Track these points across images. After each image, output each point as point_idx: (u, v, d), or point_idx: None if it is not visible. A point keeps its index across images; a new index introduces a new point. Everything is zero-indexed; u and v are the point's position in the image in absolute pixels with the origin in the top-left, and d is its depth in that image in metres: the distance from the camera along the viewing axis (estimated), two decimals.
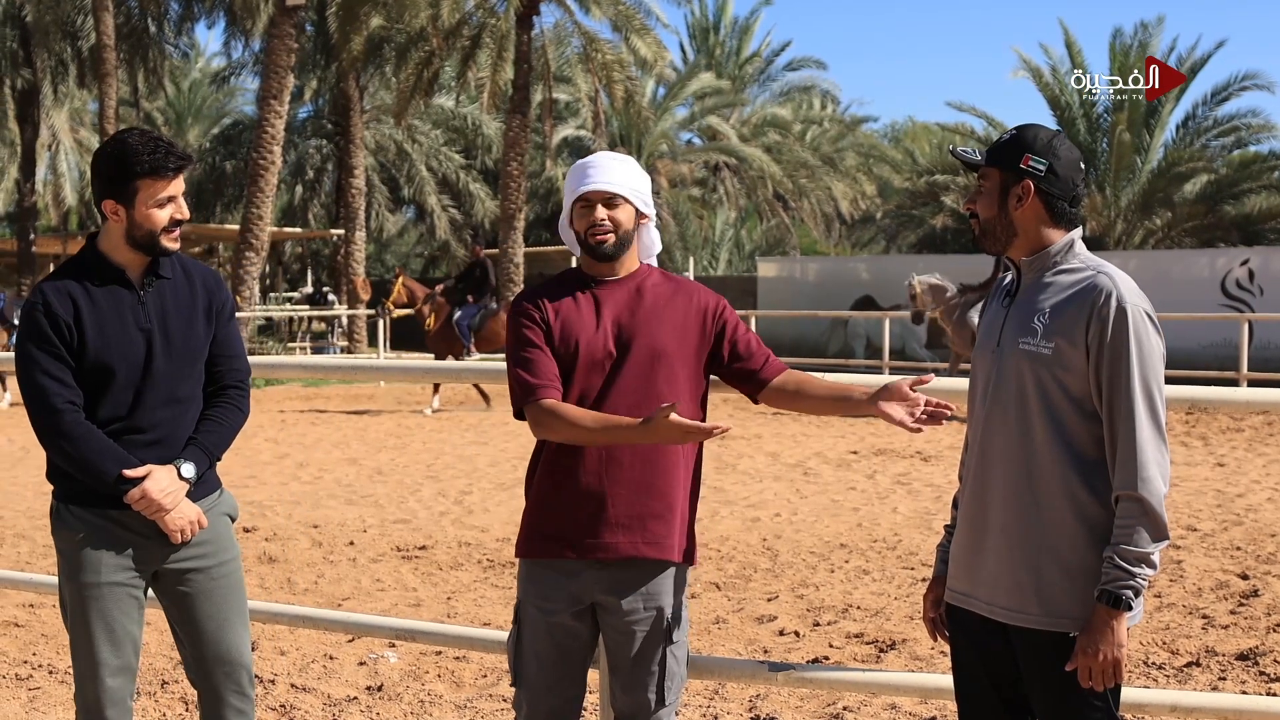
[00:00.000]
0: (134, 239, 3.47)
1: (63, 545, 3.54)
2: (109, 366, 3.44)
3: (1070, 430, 2.95)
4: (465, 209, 36.79)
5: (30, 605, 6.90)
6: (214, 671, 3.61)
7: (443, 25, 26.26)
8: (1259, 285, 22.20)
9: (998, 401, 3.04)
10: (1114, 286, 2.92)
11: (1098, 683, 2.90)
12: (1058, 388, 2.95)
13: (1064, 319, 2.95)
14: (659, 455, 3.38)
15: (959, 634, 3.19)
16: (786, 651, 6.10)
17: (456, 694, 5.42)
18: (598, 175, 3.42)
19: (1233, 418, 15.85)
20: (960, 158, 3.15)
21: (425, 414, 17.30)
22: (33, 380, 3.42)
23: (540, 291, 3.52)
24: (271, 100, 26.28)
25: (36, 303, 3.44)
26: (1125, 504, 2.87)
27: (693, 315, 3.46)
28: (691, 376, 3.45)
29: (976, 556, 3.09)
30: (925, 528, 9.12)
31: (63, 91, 35.78)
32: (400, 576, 7.77)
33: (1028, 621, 2.99)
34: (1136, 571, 2.85)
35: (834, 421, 16.09)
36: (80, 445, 3.39)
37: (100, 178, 3.47)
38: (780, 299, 26.64)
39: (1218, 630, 6.38)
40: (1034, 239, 3.05)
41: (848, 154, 43.33)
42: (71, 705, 5.24)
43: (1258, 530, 8.96)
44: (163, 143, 3.45)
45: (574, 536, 3.38)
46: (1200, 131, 32.71)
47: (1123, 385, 2.88)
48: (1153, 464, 2.86)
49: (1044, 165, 3.01)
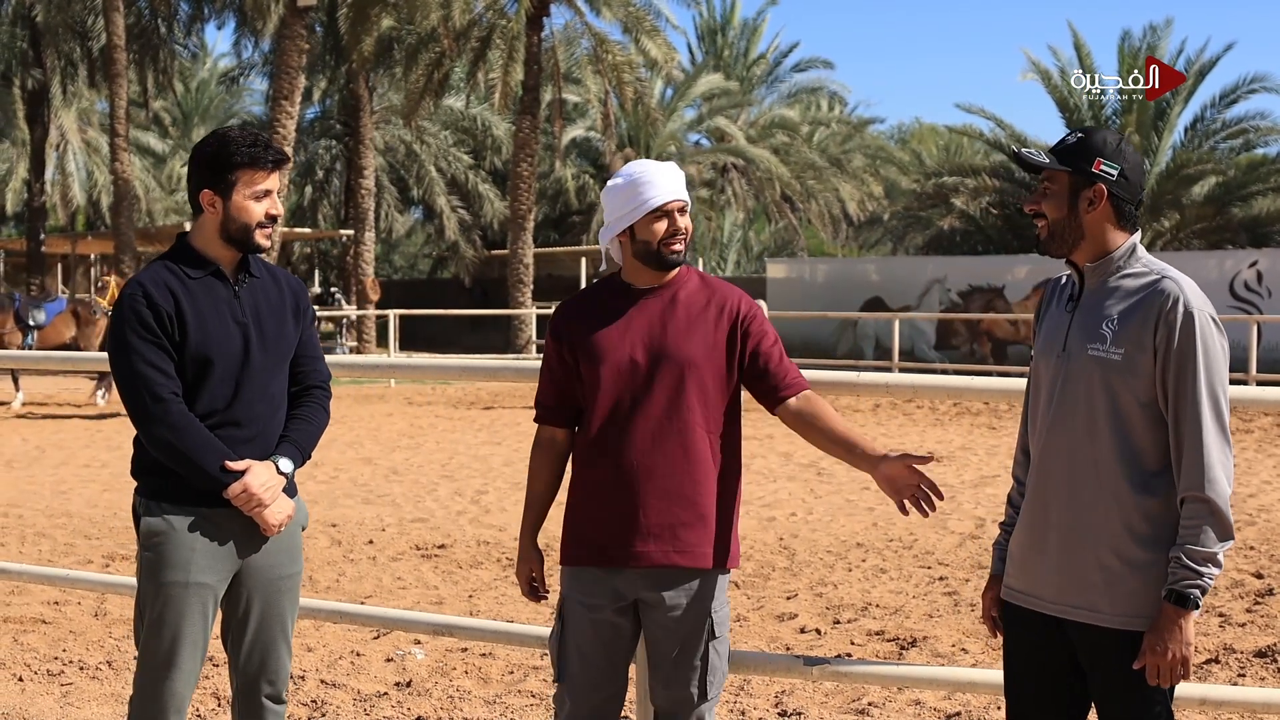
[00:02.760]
0: (228, 232, 3.50)
1: (148, 542, 3.48)
2: (209, 359, 3.43)
3: (1135, 435, 3.00)
4: (474, 210, 36.89)
5: (55, 602, 6.97)
6: (259, 676, 3.62)
7: (453, 26, 26.35)
8: (1267, 287, 22.25)
9: (1064, 405, 3.08)
10: (1180, 291, 2.97)
11: (1164, 680, 2.95)
12: (1127, 393, 2.99)
13: (1132, 324, 2.98)
14: (689, 465, 3.43)
15: (1016, 631, 3.22)
16: (809, 649, 6.16)
17: (485, 690, 5.49)
18: (673, 186, 3.48)
19: (1242, 419, 15.89)
20: (1024, 159, 3.15)
21: None
22: (134, 370, 3.39)
23: (575, 302, 3.61)
24: (282, 101, 26.39)
25: (135, 293, 3.43)
26: (1191, 505, 2.91)
27: (724, 324, 3.48)
28: (721, 386, 3.49)
29: (1038, 555, 3.13)
30: (940, 527, 9.17)
31: (71, 92, 35.97)
32: (421, 575, 7.83)
33: (1089, 618, 3.04)
34: (1204, 571, 2.89)
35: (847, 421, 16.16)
36: (184, 436, 3.37)
37: (198, 169, 3.50)
38: (789, 300, 26.69)
39: (1235, 628, 6.43)
40: (1100, 243, 3.09)
41: (855, 155, 43.40)
42: (107, 701, 5.33)
43: (1270, 530, 9.00)
44: (262, 137, 3.52)
45: (608, 545, 3.45)
46: (1209, 134, 32.73)
47: (1189, 389, 2.93)
48: (1218, 466, 2.91)
49: (1116, 169, 3.05)
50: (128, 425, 15.49)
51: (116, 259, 29.13)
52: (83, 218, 46.03)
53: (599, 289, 3.60)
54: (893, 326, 22.37)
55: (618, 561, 3.43)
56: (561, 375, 3.55)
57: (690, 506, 3.42)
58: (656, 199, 3.44)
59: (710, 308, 3.49)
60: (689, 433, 3.42)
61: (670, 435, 3.41)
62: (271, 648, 3.61)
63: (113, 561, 8.12)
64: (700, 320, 3.47)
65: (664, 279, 3.51)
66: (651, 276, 3.51)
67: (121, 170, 29.14)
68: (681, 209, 3.49)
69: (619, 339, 3.46)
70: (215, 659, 5.89)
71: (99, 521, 9.51)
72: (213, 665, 5.80)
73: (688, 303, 3.49)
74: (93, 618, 6.70)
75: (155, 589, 3.47)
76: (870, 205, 41.99)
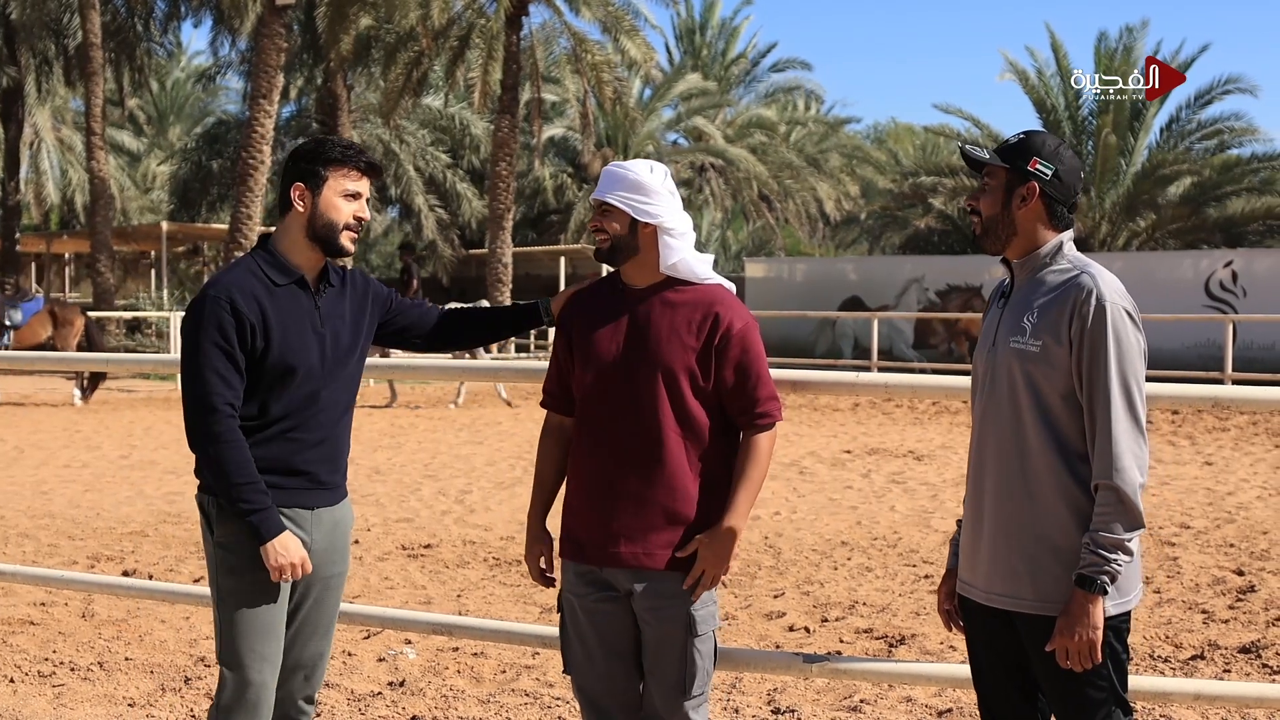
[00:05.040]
0: (314, 230, 3.53)
1: (225, 540, 3.51)
2: (290, 368, 3.48)
3: (1059, 424, 3.09)
4: (452, 209, 36.80)
5: (42, 603, 6.95)
6: (295, 674, 3.67)
7: (432, 25, 26.29)
8: (1242, 286, 22.43)
9: (992, 398, 3.19)
10: (1095, 285, 3.06)
11: (1075, 663, 3.04)
12: (1047, 384, 3.09)
13: (1050, 317, 3.09)
14: (664, 469, 3.45)
15: (972, 623, 3.32)
16: (799, 646, 6.20)
17: (478, 689, 5.50)
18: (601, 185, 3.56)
19: (1218, 418, 16.03)
20: (968, 155, 3.28)
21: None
22: (199, 374, 3.42)
23: (584, 294, 3.68)
24: (261, 100, 26.28)
25: (220, 298, 3.43)
26: (1103, 493, 3.01)
27: (705, 333, 3.46)
28: (701, 394, 3.46)
29: (975, 546, 3.24)
30: (924, 525, 9.24)
31: (46, 89, 35.73)
32: (408, 575, 7.84)
33: (1025, 607, 3.14)
34: (1112, 557, 2.98)
35: (825, 421, 16.26)
36: (224, 450, 3.40)
37: (293, 164, 3.55)
38: (768, 299, 26.75)
39: (1219, 624, 6.50)
40: (1030, 239, 3.20)
41: (832, 155, 43.54)
42: (100, 702, 5.33)
43: (1249, 527, 9.10)
44: (356, 145, 3.60)
45: (587, 544, 3.54)
46: (1184, 134, 32.99)
47: (1101, 379, 3.02)
48: (1128, 454, 2.99)
49: (1050, 169, 3.16)
50: (106, 425, 15.49)
51: (92, 258, 28.98)
52: (57, 216, 45.75)
53: (602, 285, 3.66)
54: (871, 326, 22.50)
55: (596, 560, 3.51)
56: (565, 364, 3.64)
57: (663, 512, 3.46)
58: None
59: (695, 314, 3.48)
60: (663, 438, 3.44)
61: (645, 439, 3.45)
62: (305, 647, 3.68)
63: (98, 562, 8.10)
64: (683, 327, 3.47)
65: (653, 279, 3.53)
66: (644, 276, 3.55)
67: (98, 169, 28.99)
68: (601, 209, 3.53)
69: (608, 339, 3.51)
70: (207, 659, 5.89)
71: (82, 522, 9.48)
72: (204, 666, 5.81)
73: (674, 307, 3.50)
74: (80, 619, 6.69)
75: (236, 583, 3.51)
76: (847, 205, 42.12)
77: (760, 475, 3.48)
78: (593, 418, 3.52)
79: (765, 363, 3.53)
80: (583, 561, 3.54)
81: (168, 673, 5.73)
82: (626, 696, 3.59)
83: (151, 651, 6.08)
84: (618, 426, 3.47)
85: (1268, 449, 13.52)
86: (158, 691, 5.49)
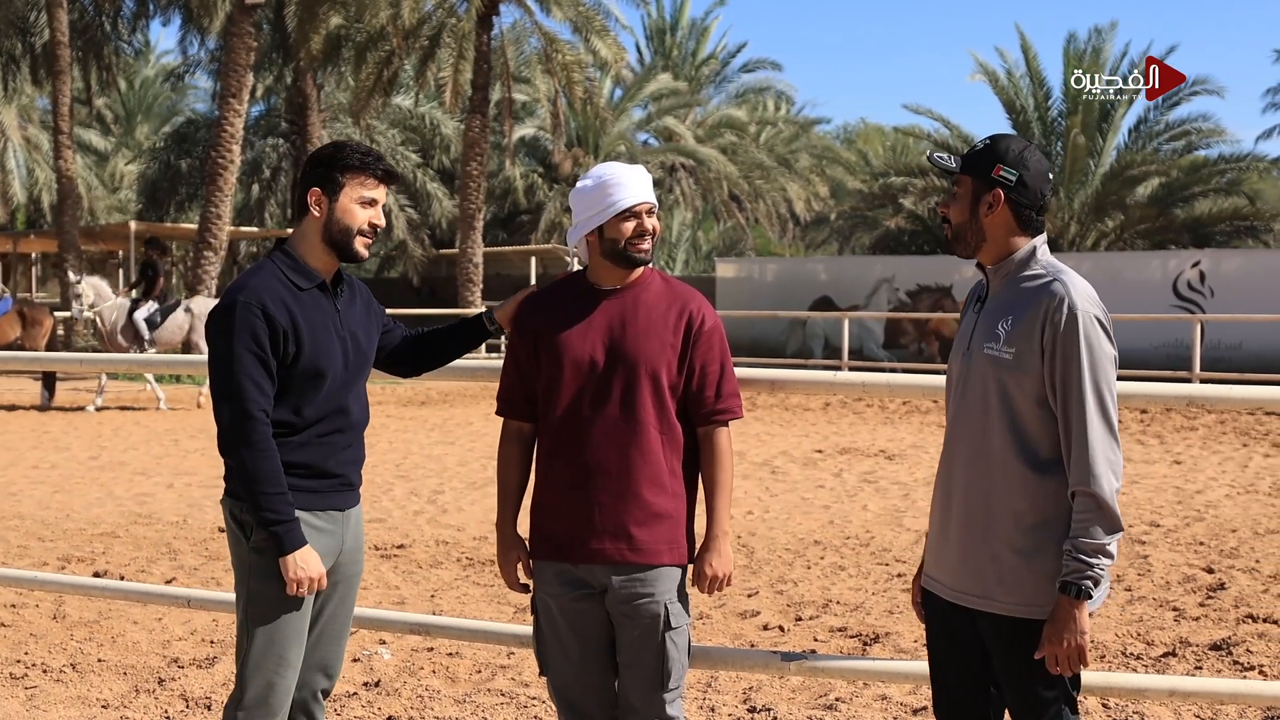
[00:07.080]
0: (330, 235, 3.54)
1: (261, 545, 3.49)
2: (321, 371, 3.50)
3: (1028, 430, 3.13)
4: (422, 209, 36.69)
5: (13, 605, 6.90)
6: (316, 671, 3.70)
7: (403, 25, 26.21)
8: (1209, 287, 22.61)
9: (964, 401, 3.24)
10: (1067, 292, 3.09)
11: (1064, 668, 3.09)
12: (1019, 390, 3.13)
13: (1023, 324, 3.12)
14: (644, 465, 3.49)
15: (933, 617, 3.39)
16: (774, 645, 6.22)
17: (454, 689, 5.50)
18: (641, 188, 3.55)
19: (1186, 417, 16.16)
20: (936, 164, 3.31)
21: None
22: (234, 379, 3.41)
23: (541, 297, 3.67)
24: (230, 99, 26.14)
25: (251, 303, 3.43)
26: (1080, 499, 3.05)
27: (681, 329, 3.54)
28: (676, 389, 3.54)
29: (942, 544, 3.30)
30: (896, 524, 9.28)
31: (13, 88, 35.43)
32: (381, 575, 7.82)
33: (984, 606, 3.19)
34: (1094, 562, 3.03)
35: (797, 421, 16.31)
36: (258, 458, 3.39)
37: (312, 169, 3.56)
38: (739, 299, 26.79)
39: (1189, 622, 6.56)
40: (1001, 245, 3.23)
41: (801, 155, 43.60)
42: (73, 704, 5.30)
43: (1218, 526, 9.17)
44: (375, 150, 3.60)
45: (565, 542, 3.55)
46: (1152, 135, 33.26)
47: (1074, 386, 3.05)
48: (1103, 461, 3.03)
49: (1014, 175, 3.18)
50: (74, 426, 15.38)
51: (60, 257, 28.76)
52: (23, 216, 45.38)
53: (565, 286, 3.66)
54: (842, 326, 22.58)
55: (575, 558, 3.52)
56: (527, 369, 3.62)
57: (644, 506, 3.50)
58: (625, 201, 3.51)
59: (670, 312, 3.55)
60: (644, 433, 3.49)
61: (625, 435, 3.48)
62: (325, 646, 3.70)
63: (69, 563, 8.05)
64: (660, 324, 3.53)
65: (628, 279, 3.57)
66: (617, 276, 3.57)
67: (65, 168, 28.75)
68: (649, 210, 3.56)
69: (580, 339, 3.53)
70: (180, 660, 5.86)
71: (52, 524, 9.41)
72: (178, 668, 5.77)
73: (649, 306, 3.55)
74: (52, 620, 6.64)
75: (267, 589, 3.50)
76: (817, 205, 42.23)
77: (731, 473, 3.60)
78: (568, 418, 3.53)
79: (730, 358, 3.62)
80: (561, 560, 3.55)
81: (141, 674, 5.70)
82: (604, 694, 3.62)
83: (124, 653, 6.04)
84: (597, 425, 3.49)
85: (1235, 448, 13.64)
86: (131, 693, 5.46)
